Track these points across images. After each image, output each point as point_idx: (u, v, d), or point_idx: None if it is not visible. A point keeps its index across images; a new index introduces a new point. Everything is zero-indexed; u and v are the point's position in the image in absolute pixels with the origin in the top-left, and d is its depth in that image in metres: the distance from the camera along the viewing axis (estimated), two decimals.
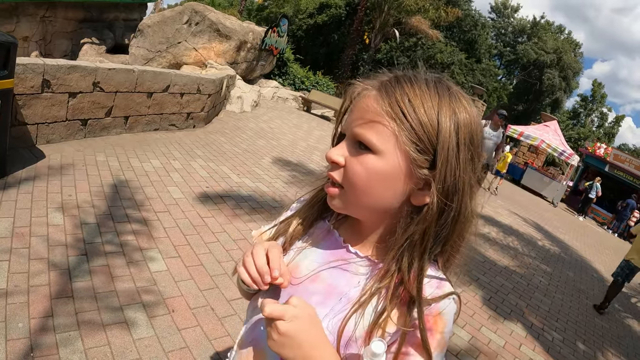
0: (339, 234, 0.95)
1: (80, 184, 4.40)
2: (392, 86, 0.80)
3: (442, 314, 0.82)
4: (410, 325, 0.80)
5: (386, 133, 0.78)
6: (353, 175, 0.81)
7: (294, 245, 0.99)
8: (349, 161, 0.82)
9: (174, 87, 7.29)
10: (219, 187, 5.47)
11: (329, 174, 0.85)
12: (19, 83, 4.50)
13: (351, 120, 0.83)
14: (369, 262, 0.89)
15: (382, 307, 0.81)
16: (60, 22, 13.93)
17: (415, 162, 0.79)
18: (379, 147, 0.78)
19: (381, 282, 0.84)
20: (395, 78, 0.82)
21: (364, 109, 0.81)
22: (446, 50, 37.11)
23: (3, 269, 2.87)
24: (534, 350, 4.17)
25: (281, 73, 17.80)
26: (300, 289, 0.89)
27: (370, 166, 0.79)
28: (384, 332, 0.80)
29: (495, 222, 9.38)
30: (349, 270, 0.89)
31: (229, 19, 13.65)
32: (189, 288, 3.26)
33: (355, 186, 0.81)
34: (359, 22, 29.26)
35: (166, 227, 4.08)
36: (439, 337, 0.81)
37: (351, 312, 0.82)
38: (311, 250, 0.96)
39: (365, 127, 0.80)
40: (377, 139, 0.78)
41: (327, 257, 0.93)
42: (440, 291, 0.84)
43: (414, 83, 0.80)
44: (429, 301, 0.81)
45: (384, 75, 0.85)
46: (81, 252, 3.30)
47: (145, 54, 12.73)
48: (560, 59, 43.49)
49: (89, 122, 5.78)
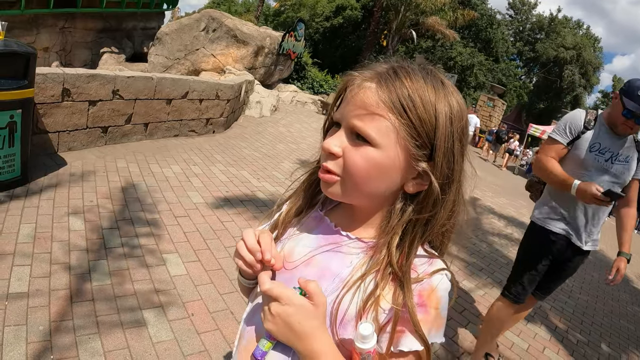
0: (330, 220, 0.97)
1: (101, 190, 4.45)
2: (392, 79, 0.80)
3: (435, 289, 0.83)
4: (403, 303, 0.80)
5: (386, 127, 0.79)
6: (352, 166, 0.81)
7: (286, 234, 1.01)
8: (347, 152, 0.82)
9: (192, 94, 7.34)
10: (239, 191, 5.48)
11: (324, 164, 0.84)
12: (39, 92, 4.57)
13: (348, 110, 0.82)
14: (361, 243, 0.90)
15: (374, 285, 0.82)
16: (79, 32, 14.15)
17: (414, 156, 0.81)
18: (379, 140, 0.79)
19: (373, 261, 0.85)
20: (393, 70, 0.81)
21: (364, 101, 0.80)
22: (465, 52, 36.88)
23: (25, 273, 2.91)
24: (558, 353, 4.08)
25: (299, 77, 17.83)
26: (296, 274, 0.89)
27: (370, 158, 0.80)
28: (377, 310, 0.80)
29: (518, 223, 9.24)
30: (341, 252, 0.90)
31: (246, 25, 13.75)
32: (208, 292, 3.26)
33: (354, 177, 0.82)
34: (376, 24, 29.29)
35: (186, 231, 4.09)
36: (433, 312, 0.82)
37: (344, 291, 0.83)
38: (304, 236, 0.97)
39: (365, 119, 0.79)
40: (377, 133, 0.79)
41: (320, 241, 0.94)
42: (432, 268, 0.85)
43: (412, 77, 0.80)
44: (420, 278, 0.83)
45: (379, 66, 0.85)
46: (101, 256, 3.33)
47: (164, 61, 12.87)
48: (580, 55, 42.90)
49: (109, 130, 5.85)
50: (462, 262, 5.64)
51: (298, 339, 0.79)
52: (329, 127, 0.93)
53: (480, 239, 7.05)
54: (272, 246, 0.89)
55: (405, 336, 0.80)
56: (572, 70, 42.98)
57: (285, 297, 0.79)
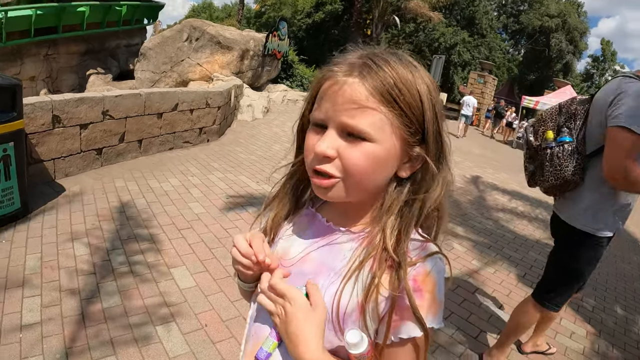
0: (322, 216, 0.97)
1: (101, 212, 4.45)
2: (374, 70, 0.79)
3: (430, 273, 0.82)
4: (400, 289, 0.79)
5: (380, 120, 0.79)
6: (353, 166, 0.80)
7: (279, 235, 1.02)
8: (343, 152, 0.80)
9: (182, 105, 7.34)
10: (239, 197, 5.49)
11: (320, 168, 0.82)
12: (29, 122, 4.57)
13: (336, 109, 0.80)
14: (354, 235, 0.90)
15: (372, 275, 0.82)
16: (63, 57, 14.15)
17: (409, 143, 0.83)
18: (375, 135, 0.79)
19: (367, 250, 0.85)
20: (371, 60, 0.81)
21: (351, 97, 0.78)
22: (448, 32, 36.79)
23: (35, 303, 2.91)
24: (575, 322, 4.08)
25: (288, 76, 17.80)
26: (294, 273, 0.90)
27: (369, 154, 0.80)
28: (377, 299, 0.81)
29: (521, 196, 9.24)
30: (335, 247, 0.91)
31: (228, 30, 13.72)
32: (219, 301, 3.26)
33: (355, 176, 0.81)
34: (358, 14, 29.20)
35: (191, 243, 4.10)
36: (429, 296, 0.81)
37: (343, 285, 0.83)
38: (297, 235, 0.98)
39: (357, 116, 0.78)
40: (371, 128, 0.78)
41: (313, 238, 0.95)
42: (425, 252, 0.84)
43: (391, 64, 0.80)
44: (414, 262, 0.82)
45: (351, 57, 0.84)
46: (109, 278, 3.33)
47: (151, 76, 12.86)
48: (565, 22, 42.75)
49: (103, 151, 5.85)
50: (469, 241, 5.64)
51: (292, 343, 0.81)
52: (304, 128, 0.93)
53: (485, 216, 7.05)
54: (264, 247, 0.91)
55: (404, 323, 0.80)
56: (559, 38, 42.86)
57: (290, 294, 0.82)
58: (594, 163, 2.35)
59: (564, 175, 2.39)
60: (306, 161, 0.87)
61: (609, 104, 2.21)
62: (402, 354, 0.83)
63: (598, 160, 2.31)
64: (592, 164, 2.37)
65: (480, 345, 3.38)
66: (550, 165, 2.45)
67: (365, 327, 0.81)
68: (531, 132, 2.68)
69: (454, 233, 5.82)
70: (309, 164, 0.85)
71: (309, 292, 0.83)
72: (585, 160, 2.37)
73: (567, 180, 2.40)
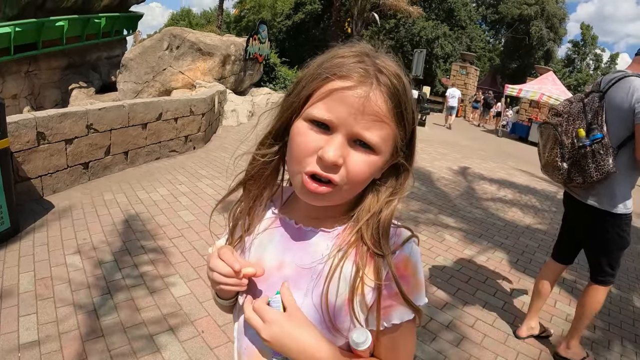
0: (288, 218, 0.96)
1: (92, 226, 4.45)
2: (388, 80, 0.79)
3: (409, 258, 0.85)
4: (385, 278, 0.82)
5: (387, 134, 0.80)
6: (356, 177, 0.80)
7: (248, 243, 1.00)
8: (349, 161, 0.79)
9: (166, 114, 7.33)
10: (228, 202, 5.47)
11: (328, 176, 0.78)
12: (14, 141, 4.55)
13: (349, 116, 0.76)
14: (327, 234, 0.90)
15: (355, 269, 0.83)
16: (45, 73, 14.02)
17: (398, 151, 0.85)
18: (382, 148, 0.80)
19: (345, 246, 0.86)
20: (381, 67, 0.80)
21: (371, 109, 0.76)
22: (429, 26, 36.94)
23: (32, 321, 2.91)
24: (570, 304, 4.13)
25: (270, 79, 17.78)
26: (272, 280, 0.90)
27: (373, 165, 0.81)
28: (363, 291, 0.83)
29: (510, 184, 9.32)
30: (310, 248, 0.90)
31: (209, 36, 13.69)
32: (214, 307, 3.22)
33: (355, 184, 0.82)
34: (337, 13, 29.23)
35: (183, 251, 4.11)
36: (412, 280, 0.85)
37: (327, 284, 0.83)
38: (266, 241, 0.96)
39: (373, 129, 0.77)
40: (381, 141, 0.79)
41: (285, 242, 0.94)
42: (400, 239, 0.87)
43: (398, 72, 0.81)
44: (393, 250, 0.84)
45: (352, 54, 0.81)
46: (104, 291, 3.34)
47: (134, 87, 12.80)
48: (544, 9, 43.12)
49: (90, 165, 5.83)
50: (460, 231, 5.69)
51: (298, 353, 0.82)
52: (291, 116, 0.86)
53: (474, 205, 7.11)
54: (236, 258, 0.89)
55: (395, 309, 0.84)
56: (539, 25, 43.20)
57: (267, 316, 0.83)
58: (621, 153, 2.68)
59: (607, 170, 2.65)
60: (298, 160, 0.81)
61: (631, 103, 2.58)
62: (398, 337, 0.87)
63: (625, 150, 2.67)
64: (620, 154, 2.68)
65: (476, 333, 3.41)
66: (593, 162, 2.69)
67: (355, 319, 0.83)
68: (562, 132, 2.85)
69: (444, 224, 5.87)
70: (303, 165, 0.80)
71: (282, 296, 0.84)
72: (616, 152, 2.67)
73: (609, 173, 2.65)
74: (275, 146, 0.92)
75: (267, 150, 0.93)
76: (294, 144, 0.82)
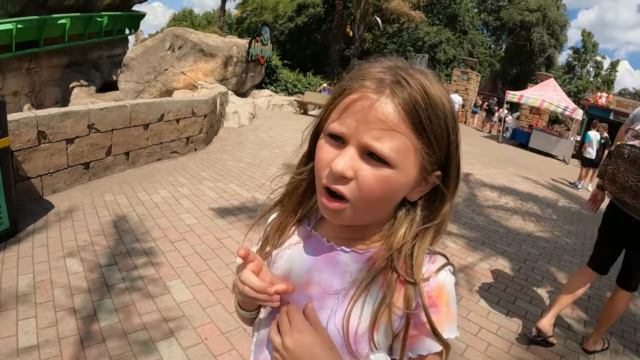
0: (321, 235, 0.92)
1: (92, 227, 4.40)
2: (406, 91, 0.74)
3: (443, 287, 0.82)
4: (414, 307, 0.78)
5: (405, 147, 0.74)
6: (369, 192, 0.75)
7: (278, 257, 0.96)
8: (361, 174, 0.75)
9: (168, 115, 7.29)
10: (230, 205, 5.45)
11: (336, 188, 0.76)
12: (14, 139, 4.50)
13: (359, 127, 0.74)
14: (357, 255, 0.86)
15: (382, 295, 0.80)
16: (46, 71, 14.00)
17: (427, 171, 0.80)
18: (397, 161, 0.74)
19: (375, 270, 0.82)
20: (402, 77, 0.76)
21: (378, 117, 0.73)
22: (432, 31, 36.96)
23: (31, 325, 2.86)
24: (572, 313, 4.11)
25: (272, 81, 17.80)
26: (298, 297, 0.87)
27: (388, 181, 0.75)
28: (390, 318, 0.79)
29: (511, 191, 9.30)
30: (339, 268, 0.87)
31: (211, 37, 13.68)
32: (218, 313, 3.23)
33: (368, 201, 0.77)
34: (340, 16, 29.25)
35: (185, 255, 4.06)
36: (445, 310, 0.81)
37: (350, 307, 0.80)
38: (297, 256, 0.93)
39: (384, 140, 0.73)
40: (396, 154, 0.74)
41: (315, 260, 0.90)
42: (435, 265, 0.83)
43: (425, 88, 0.76)
44: (426, 278, 0.80)
45: (377, 70, 0.79)
46: (104, 295, 3.29)
47: (135, 86, 12.78)
48: (545, 15, 43.13)
49: (91, 165, 5.79)
50: (463, 238, 5.66)
51: None
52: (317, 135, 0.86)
53: (476, 212, 7.07)
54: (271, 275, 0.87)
55: (422, 340, 0.80)
56: (540, 32, 43.21)
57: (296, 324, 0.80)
58: None
59: None
60: (317, 175, 0.81)
61: None
62: None
63: None
64: None
65: (479, 341, 3.37)
66: None
67: (377, 345, 0.80)
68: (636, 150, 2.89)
69: (446, 231, 5.83)
70: (320, 179, 0.79)
71: (307, 315, 0.81)
72: None
73: None
74: (310, 164, 0.90)
75: (302, 169, 0.93)
76: (316, 159, 0.82)
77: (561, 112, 18.96)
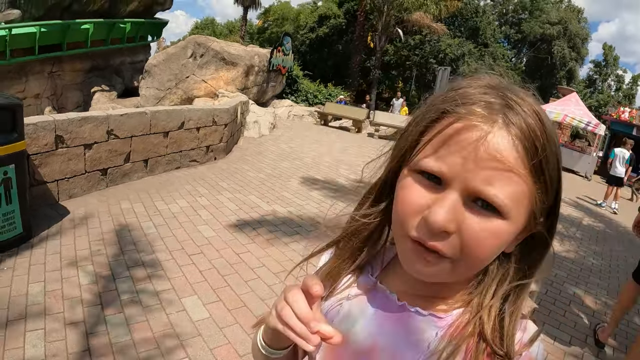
0: (389, 291, 0.74)
1: (108, 236, 4.28)
2: (522, 119, 0.59)
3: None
4: None
5: (521, 192, 0.59)
6: (476, 249, 0.59)
7: (330, 310, 0.76)
8: (466, 228, 0.58)
9: (189, 123, 7.20)
10: (250, 218, 5.30)
11: (433, 245, 0.59)
12: (31, 143, 4.43)
13: (466, 167, 0.58)
14: (436, 319, 0.68)
15: None
16: (68, 75, 14.12)
17: (536, 219, 0.63)
18: (511, 211, 0.58)
19: (459, 339, 0.64)
20: (513, 102, 0.60)
21: (492, 154, 0.57)
22: (454, 43, 36.79)
23: (39, 337, 2.74)
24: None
25: (292, 91, 17.76)
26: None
27: (499, 235, 0.59)
28: None
29: None
30: (412, 335, 0.69)
31: (233, 46, 13.67)
32: (235, 333, 3.06)
33: (475, 259, 0.61)
34: (361, 28, 29.22)
35: (202, 270, 3.91)
36: None
37: None
38: (358, 313, 0.74)
39: (496, 183, 0.57)
40: (511, 201, 0.58)
41: (382, 320, 0.72)
42: (527, 335, 0.66)
43: (537, 111, 0.61)
44: (519, 350, 0.64)
45: (479, 86, 0.63)
46: (117, 309, 3.15)
47: (156, 93, 12.79)
48: (566, 28, 42.76)
49: (108, 171, 5.70)
50: None
51: None
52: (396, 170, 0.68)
53: None
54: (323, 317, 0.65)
55: None
56: (561, 45, 42.85)
57: None
58: None
59: None
60: (400, 221, 0.64)
61: None
62: None
63: None
64: None
65: None
66: None
67: None
68: None
69: None
70: (407, 229, 0.62)
71: None
72: None
73: None
74: (382, 204, 0.72)
75: (371, 210, 0.74)
76: (398, 200, 0.64)
77: (584, 127, 18.61)
